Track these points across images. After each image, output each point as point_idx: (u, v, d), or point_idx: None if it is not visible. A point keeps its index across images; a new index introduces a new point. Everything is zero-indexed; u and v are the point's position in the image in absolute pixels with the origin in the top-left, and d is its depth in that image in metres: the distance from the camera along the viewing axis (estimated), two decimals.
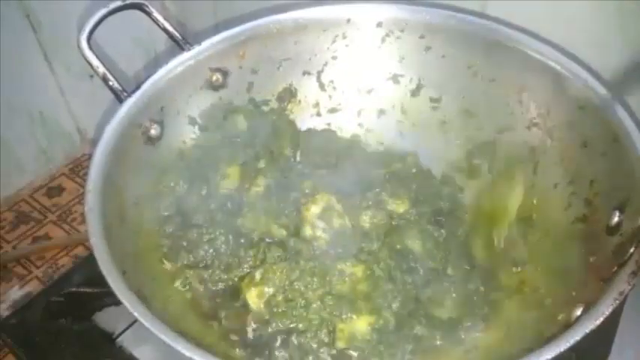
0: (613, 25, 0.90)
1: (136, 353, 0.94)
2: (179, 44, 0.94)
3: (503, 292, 0.87)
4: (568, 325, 0.65)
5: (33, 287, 1.14)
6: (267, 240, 0.90)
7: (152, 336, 0.65)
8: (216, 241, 0.89)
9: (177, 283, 0.86)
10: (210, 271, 0.87)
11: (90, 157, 0.82)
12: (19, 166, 1.30)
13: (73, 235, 1.23)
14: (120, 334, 0.96)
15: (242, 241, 0.90)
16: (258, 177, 0.96)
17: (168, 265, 0.88)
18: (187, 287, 0.86)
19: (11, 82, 1.18)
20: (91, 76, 1.25)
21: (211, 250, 0.89)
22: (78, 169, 1.35)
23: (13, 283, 1.15)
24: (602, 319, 0.63)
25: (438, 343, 0.82)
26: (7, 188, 1.29)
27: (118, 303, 0.67)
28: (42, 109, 1.28)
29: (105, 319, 0.98)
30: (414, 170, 1.02)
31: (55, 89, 1.28)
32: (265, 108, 1.05)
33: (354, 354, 0.80)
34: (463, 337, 0.82)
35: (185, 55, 0.94)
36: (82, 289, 1.03)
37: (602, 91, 0.85)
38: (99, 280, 0.69)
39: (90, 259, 0.72)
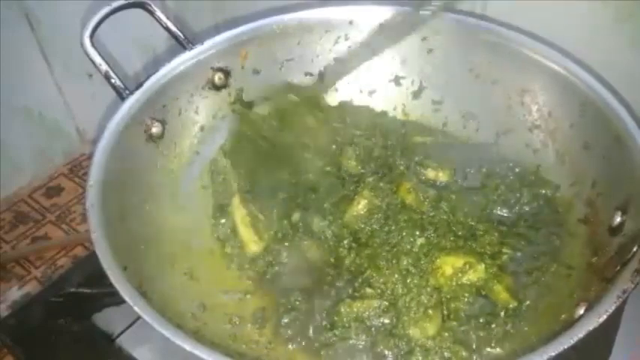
0: (613, 26, 0.90)
1: (135, 354, 0.93)
2: (181, 43, 0.95)
3: None
4: (571, 324, 0.65)
5: (32, 287, 1.14)
6: None
7: (152, 335, 0.65)
8: None
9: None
10: None
11: (89, 156, 0.82)
12: (18, 166, 1.29)
13: (72, 236, 1.23)
14: (119, 334, 0.95)
15: None
16: None
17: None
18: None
19: (10, 81, 1.18)
20: (90, 76, 1.25)
21: None
22: (77, 169, 1.35)
23: (12, 283, 1.15)
24: (605, 316, 0.63)
25: None
26: (5, 188, 1.29)
27: (117, 303, 0.67)
28: (40, 109, 1.28)
29: (104, 319, 0.98)
30: None
31: (54, 89, 1.28)
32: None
33: None
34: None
35: (187, 55, 0.95)
36: (81, 290, 1.02)
37: (603, 92, 0.85)
38: (98, 281, 0.69)
39: (89, 260, 0.72)
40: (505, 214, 0.91)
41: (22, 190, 1.31)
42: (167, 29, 0.94)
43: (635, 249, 0.69)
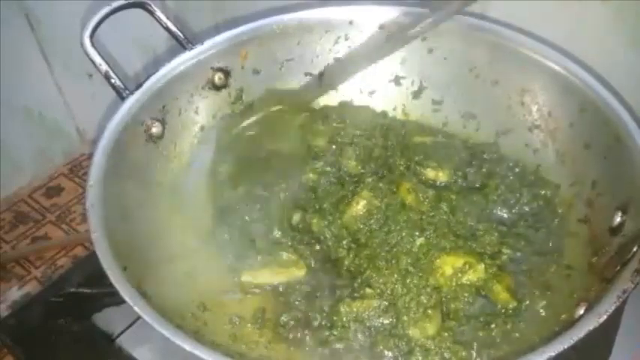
0: (614, 26, 0.90)
1: (135, 354, 0.93)
2: (181, 43, 0.95)
3: None
4: (571, 324, 0.65)
5: (32, 287, 1.14)
6: None
7: (151, 334, 0.65)
8: None
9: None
10: None
11: (89, 156, 0.82)
12: (18, 166, 1.30)
13: (72, 236, 1.23)
14: (119, 334, 0.96)
15: None
16: None
17: None
18: None
19: (10, 81, 1.18)
20: (90, 76, 1.25)
21: None
22: (77, 169, 1.35)
23: (12, 283, 1.15)
24: (605, 317, 0.63)
25: None
26: (5, 188, 1.29)
27: (117, 303, 0.67)
28: (40, 109, 1.28)
29: (104, 319, 0.98)
30: None
31: (54, 89, 1.28)
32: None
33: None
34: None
35: (187, 55, 0.95)
36: (81, 290, 1.02)
37: (603, 92, 0.85)
38: (98, 281, 0.69)
39: (89, 260, 0.72)
40: (505, 214, 0.91)
41: (22, 190, 1.31)
42: (167, 29, 0.94)
43: (635, 249, 0.69)
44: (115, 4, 0.89)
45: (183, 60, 0.95)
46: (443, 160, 0.95)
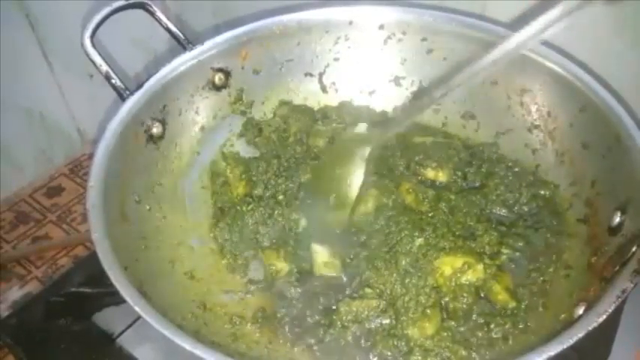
0: (614, 27, 0.90)
1: (135, 353, 0.93)
2: (181, 44, 0.95)
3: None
4: (571, 324, 0.65)
5: (33, 287, 1.14)
6: None
7: (152, 334, 0.65)
8: None
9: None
10: None
11: (90, 156, 0.82)
12: (19, 166, 1.29)
13: (73, 235, 1.23)
14: (119, 334, 0.95)
15: None
16: None
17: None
18: None
19: (11, 82, 1.18)
20: (91, 76, 1.25)
21: None
22: (77, 169, 1.35)
23: (12, 283, 1.15)
24: (604, 316, 0.63)
25: None
26: (6, 188, 1.29)
27: (117, 303, 0.67)
28: (41, 110, 1.28)
29: (104, 319, 0.98)
30: None
31: (55, 89, 1.28)
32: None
33: None
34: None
35: (188, 55, 0.95)
36: (81, 289, 1.02)
37: (602, 92, 0.86)
38: (99, 280, 0.69)
39: (90, 259, 0.72)
40: (504, 214, 0.91)
41: (23, 190, 1.31)
42: (167, 30, 0.94)
43: (634, 249, 0.70)
44: (115, 5, 0.89)
45: (184, 60, 0.95)
46: (442, 160, 0.96)
